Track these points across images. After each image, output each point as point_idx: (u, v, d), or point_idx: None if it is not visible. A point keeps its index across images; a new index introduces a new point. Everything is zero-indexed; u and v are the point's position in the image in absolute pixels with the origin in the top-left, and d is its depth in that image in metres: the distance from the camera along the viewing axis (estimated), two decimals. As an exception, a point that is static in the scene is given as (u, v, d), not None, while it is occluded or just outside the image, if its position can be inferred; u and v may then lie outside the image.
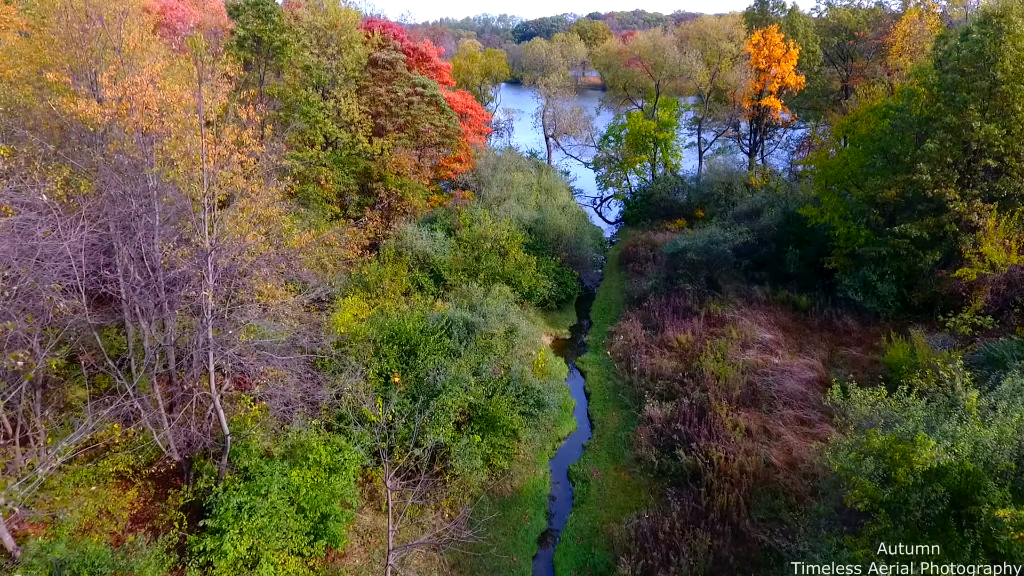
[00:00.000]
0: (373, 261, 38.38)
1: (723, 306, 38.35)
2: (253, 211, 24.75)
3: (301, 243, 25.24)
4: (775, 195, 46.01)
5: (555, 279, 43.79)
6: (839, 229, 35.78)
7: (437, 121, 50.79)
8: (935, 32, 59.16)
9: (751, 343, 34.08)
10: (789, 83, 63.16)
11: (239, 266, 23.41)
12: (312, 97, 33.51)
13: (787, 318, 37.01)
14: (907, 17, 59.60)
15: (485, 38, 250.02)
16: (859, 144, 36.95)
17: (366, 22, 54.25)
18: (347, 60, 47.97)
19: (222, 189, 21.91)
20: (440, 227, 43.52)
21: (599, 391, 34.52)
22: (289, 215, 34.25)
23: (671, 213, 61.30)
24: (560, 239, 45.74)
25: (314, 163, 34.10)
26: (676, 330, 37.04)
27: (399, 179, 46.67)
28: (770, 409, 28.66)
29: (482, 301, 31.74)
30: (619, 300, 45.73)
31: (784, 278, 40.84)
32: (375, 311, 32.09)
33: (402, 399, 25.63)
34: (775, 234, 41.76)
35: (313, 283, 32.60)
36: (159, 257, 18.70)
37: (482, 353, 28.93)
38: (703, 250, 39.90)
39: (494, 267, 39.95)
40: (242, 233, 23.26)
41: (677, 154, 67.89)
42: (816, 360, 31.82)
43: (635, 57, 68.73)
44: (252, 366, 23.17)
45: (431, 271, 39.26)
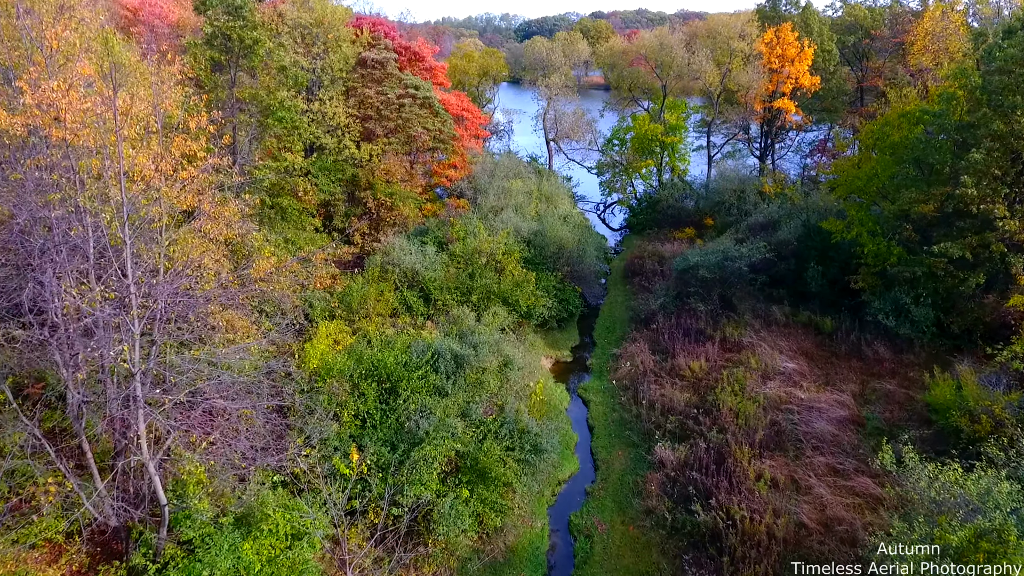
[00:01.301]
0: (358, 279, 35.16)
1: (739, 329, 35.06)
2: (209, 232, 21.56)
3: (264, 270, 21.99)
4: (793, 206, 42.67)
5: (556, 296, 40.55)
6: (868, 246, 32.49)
7: (430, 125, 47.60)
8: (960, 30, 55.93)
9: (772, 373, 30.81)
10: (804, 84, 59.79)
11: (189, 298, 20.22)
12: (288, 100, 30.30)
13: (810, 343, 33.71)
14: (929, 15, 56.26)
15: (487, 37, 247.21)
16: (888, 152, 33.66)
17: (355, 19, 51.05)
18: (333, 60, 44.79)
19: (165, 209, 18.73)
20: (431, 240, 40.30)
21: (604, 425, 31.28)
22: (261, 232, 31.12)
23: (679, 221, 58.03)
24: (561, 253, 42.48)
25: (290, 173, 30.90)
26: (688, 356, 33.78)
27: (389, 187, 43.49)
28: (798, 455, 25.39)
29: (474, 329, 28.48)
30: (624, 318, 42.47)
31: (804, 297, 37.54)
32: (355, 339, 28.88)
33: (379, 447, 22.41)
34: (794, 249, 38.46)
35: (288, 306, 29.49)
36: (60, 306, 15.46)
37: (472, 390, 25.70)
38: (716, 267, 36.63)
39: (489, 285, 36.73)
40: (193, 260, 20.08)
41: (685, 158, 64.60)
42: (846, 395, 28.53)
43: (640, 56, 65.40)
44: (200, 418, 20.00)
45: (420, 290, 36.06)
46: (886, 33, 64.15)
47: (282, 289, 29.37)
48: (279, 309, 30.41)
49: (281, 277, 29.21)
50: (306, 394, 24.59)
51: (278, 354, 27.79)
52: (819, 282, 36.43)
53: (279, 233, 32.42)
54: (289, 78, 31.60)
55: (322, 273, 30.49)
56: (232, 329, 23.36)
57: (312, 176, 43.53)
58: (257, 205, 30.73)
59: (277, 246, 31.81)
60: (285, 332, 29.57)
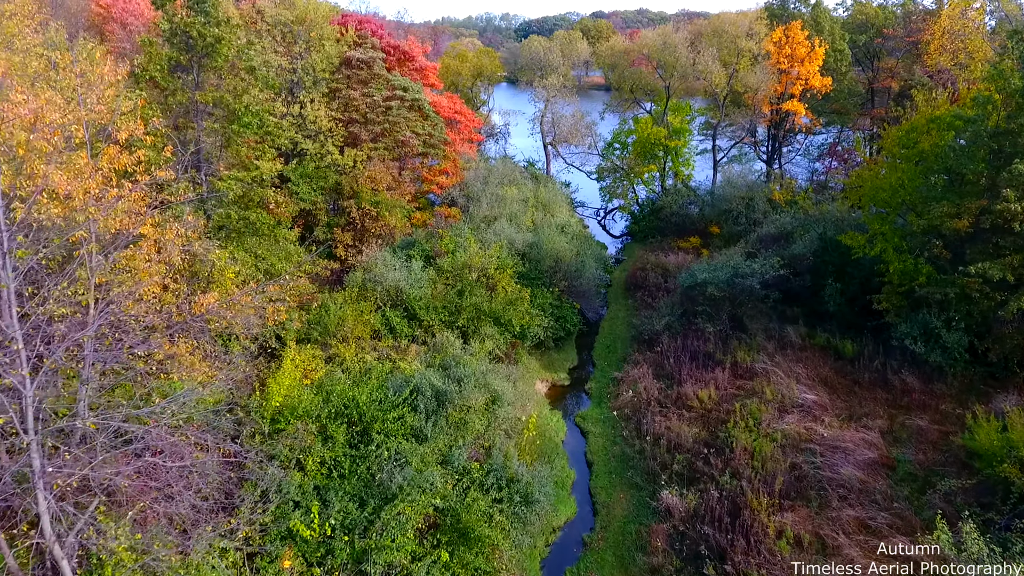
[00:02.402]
0: (336, 297, 32.30)
1: (751, 353, 32.16)
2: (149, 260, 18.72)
3: (206, 305, 19.13)
4: (807, 216, 39.76)
5: (552, 314, 37.67)
6: (893, 264, 29.60)
7: (420, 128, 44.80)
8: (981, 29, 53.08)
9: (789, 406, 27.92)
10: (814, 85, 56.94)
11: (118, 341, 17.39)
12: (256, 104, 27.47)
13: (829, 370, 30.81)
14: (947, 12, 53.40)
15: (487, 37, 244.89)
16: (914, 160, 30.78)
17: (341, 17, 48.24)
18: (316, 60, 41.99)
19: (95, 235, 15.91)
20: (418, 254, 37.44)
21: (603, 461, 28.40)
22: (228, 249, 28.27)
23: (683, 229, 55.15)
24: (558, 266, 39.62)
25: (260, 183, 28.07)
26: (696, 383, 30.91)
27: (374, 196, 40.64)
28: (822, 505, 22.49)
29: (459, 359, 25.57)
30: (626, 336, 39.58)
31: (821, 317, 34.63)
32: (327, 369, 25.99)
33: (346, 503, 19.54)
34: (810, 264, 35.56)
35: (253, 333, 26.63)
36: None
37: (455, 432, 22.84)
38: (726, 284, 33.74)
39: (479, 303, 33.86)
40: (122, 294, 17.23)
41: (689, 163, 61.68)
42: (873, 432, 25.62)
43: (643, 56, 62.53)
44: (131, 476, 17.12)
45: (405, 309, 33.19)
46: (899, 32, 61.29)
47: (247, 314, 26.55)
48: (246, 335, 27.59)
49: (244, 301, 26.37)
50: (266, 438, 21.73)
51: (237, 390, 24.96)
52: (837, 301, 33.54)
53: (249, 250, 29.56)
54: (259, 80, 28.75)
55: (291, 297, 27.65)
56: (181, 366, 20.51)
57: (292, 184, 40.75)
58: (219, 220, 27.89)
59: (245, 264, 28.95)
60: (248, 361, 26.75)
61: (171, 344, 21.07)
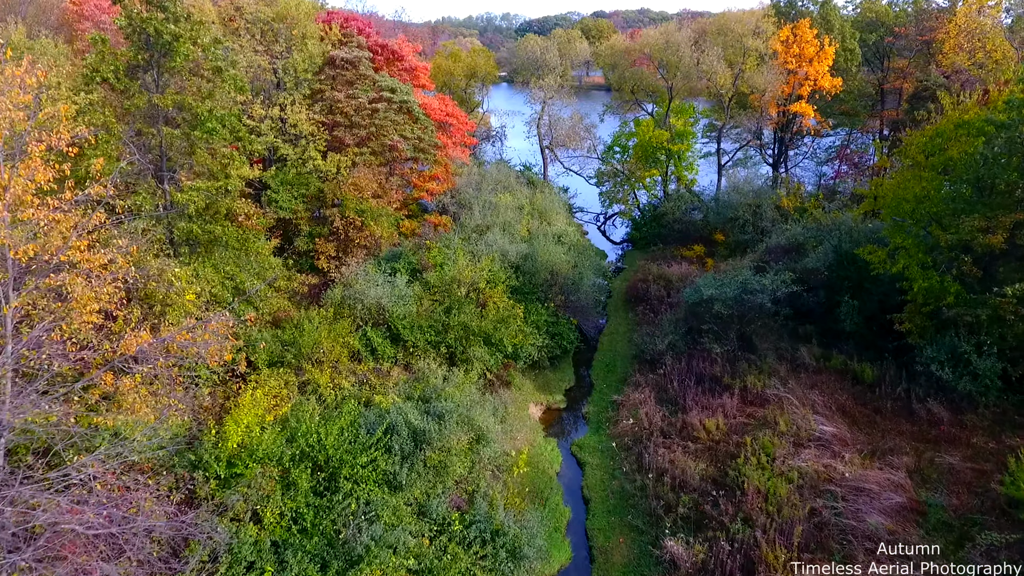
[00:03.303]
0: (313, 315, 29.85)
1: (762, 377, 29.69)
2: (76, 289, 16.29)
3: (131, 348, 16.70)
4: (820, 226, 37.25)
5: (547, 331, 35.23)
6: (918, 282, 27.12)
7: (409, 132, 42.34)
8: (999, 26, 50.57)
9: (805, 439, 25.44)
10: (824, 86, 54.39)
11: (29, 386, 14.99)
12: (219, 109, 25.03)
13: (848, 397, 28.31)
14: (963, 10, 50.90)
15: (488, 37, 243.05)
16: (940, 168, 28.30)
17: (326, 14, 45.83)
18: (297, 59, 39.57)
19: None
20: (404, 267, 34.99)
21: (601, 498, 25.93)
22: (191, 265, 25.84)
23: (686, 237, 52.70)
24: (554, 280, 37.16)
25: (226, 193, 25.64)
26: (702, 410, 28.47)
27: (359, 204, 38.20)
28: (846, 559, 20.02)
29: (440, 392, 23.08)
30: (627, 354, 37.13)
31: (836, 336, 32.17)
32: (292, 405, 23.52)
33: (306, 565, 17.09)
34: (824, 279, 33.09)
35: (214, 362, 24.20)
36: None
37: (434, 477, 20.38)
38: (734, 301, 31.27)
39: (468, 322, 31.41)
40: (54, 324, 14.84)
41: (693, 167, 59.23)
42: (900, 472, 23.14)
43: (644, 56, 60.01)
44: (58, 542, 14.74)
45: (387, 328, 30.74)
46: (911, 31, 58.79)
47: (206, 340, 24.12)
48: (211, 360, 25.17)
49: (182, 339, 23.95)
50: (221, 483, 19.30)
51: (197, 424, 22.57)
52: (854, 319, 31.07)
53: (217, 266, 27.12)
54: (226, 81, 26.33)
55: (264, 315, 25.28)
56: (121, 407, 18.11)
57: (272, 191, 38.37)
58: (180, 235, 25.47)
59: (212, 282, 26.51)
60: (215, 386, 24.38)
61: (113, 379, 18.68)
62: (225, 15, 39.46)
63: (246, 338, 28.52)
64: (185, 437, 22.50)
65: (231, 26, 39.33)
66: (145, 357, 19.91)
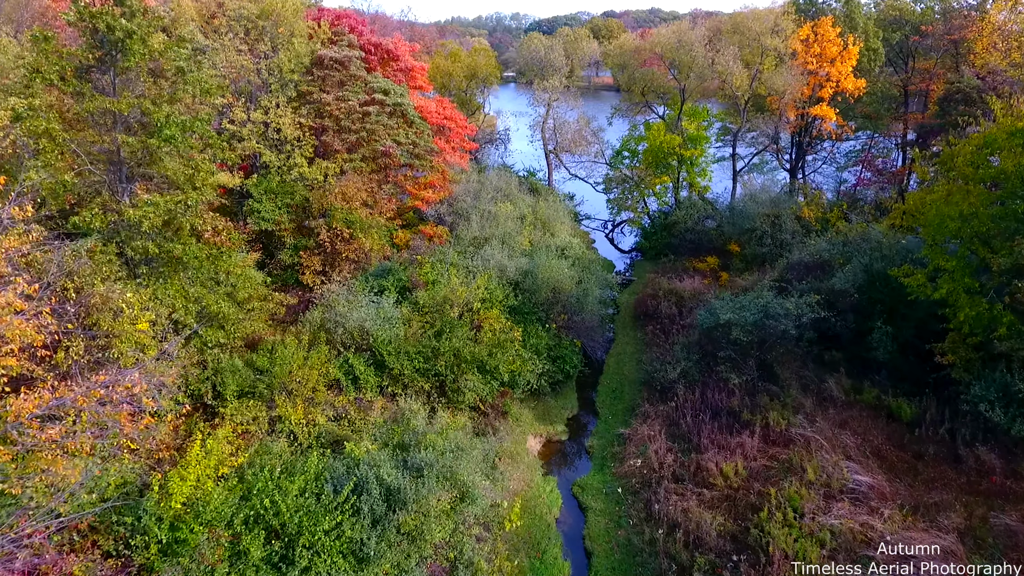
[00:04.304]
0: (289, 341, 27.10)
1: (785, 412, 26.67)
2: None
3: (30, 408, 14.00)
4: (847, 241, 34.10)
5: (548, 355, 32.38)
6: (964, 310, 24.01)
7: (403, 137, 39.60)
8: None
9: (837, 490, 22.42)
10: (846, 88, 51.23)
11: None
12: (177, 116, 22.30)
13: (883, 438, 25.24)
14: (998, 6, 47.57)
15: (497, 36, 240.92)
16: (989, 181, 25.17)
17: (317, 11, 43.19)
18: (283, 59, 36.92)
19: None
20: (393, 285, 32.22)
21: (605, 551, 23.05)
22: (149, 288, 23.17)
23: (698, 247, 49.67)
24: (557, 298, 34.25)
25: (184, 210, 22.92)
26: (718, 451, 25.52)
27: (348, 214, 35.50)
28: (892, 647, 17.06)
29: (420, 439, 20.19)
30: (635, 379, 34.24)
31: (867, 365, 29.11)
32: (258, 446, 20.80)
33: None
34: (854, 302, 29.99)
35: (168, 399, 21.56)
36: None
37: (409, 545, 17.53)
38: (754, 326, 28.26)
39: (461, 347, 28.58)
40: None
41: (706, 172, 56.13)
42: (949, 535, 20.09)
43: (655, 55, 56.93)
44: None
45: (371, 354, 27.97)
46: (939, 29, 55.44)
47: (162, 374, 21.45)
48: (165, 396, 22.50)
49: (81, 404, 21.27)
50: (163, 550, 16.57)
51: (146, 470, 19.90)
52: (888, 348, 27.99)
53: (181, 288, 24.43)
54: (189, 84, 23.65)
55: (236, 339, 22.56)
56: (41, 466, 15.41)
57: (254, 201, 35.75)
58: (135, 255, 22.78)
59: (174, 306, 23.84)
60: (176, 418, 21.74)
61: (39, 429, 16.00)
62: (206, 12, 36.88)
63: (214, 366, 25.92)
64: (136, 484, 19.91)
65: (213, 24, 36.77)
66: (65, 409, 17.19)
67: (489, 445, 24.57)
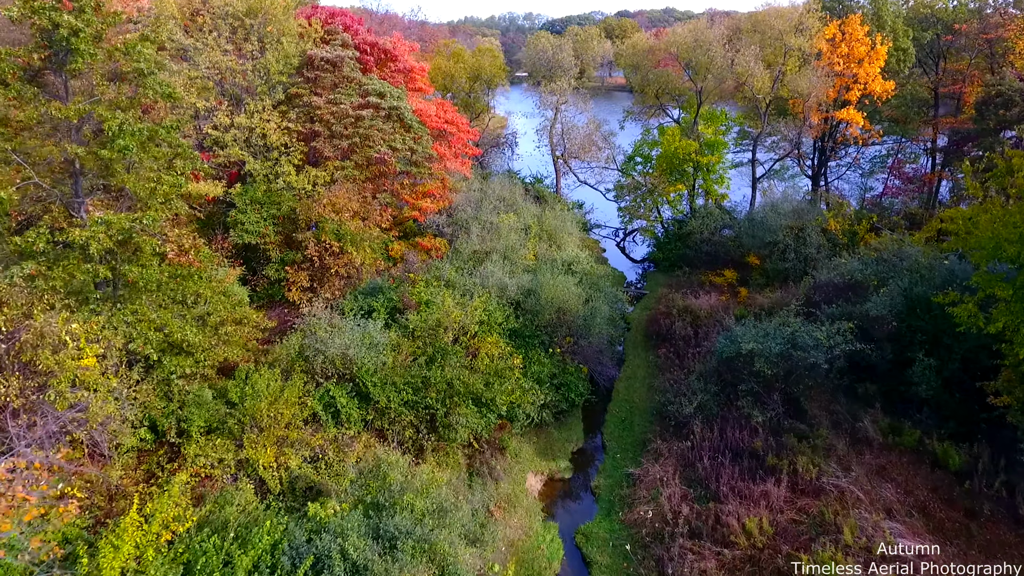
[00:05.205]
0: (264, 371, 24.55)
1: (816, 459, 23.72)
2: None
3: None
4: (883, 260, 31.01)
5: (551, 382, 29.68)
6: (1023, 347, 21.00)
7: (399, 143, 37.04)
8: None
9: (878, 556, 19.51)
10: (874, 90, 48.04)
11: None
12: (130, 124, 19.81)
13: (927, 489, 22.28)
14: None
15: (510, 36, 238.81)
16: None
17: (310, 8, 40.75)
18: (269, 59, 34.49)
19: None
20: (382, 305, 29.63)
21: (611, 619, 20.32)
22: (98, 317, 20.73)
23: (715, 259, 46.70)
24: (562, 320, 31.51)
25: (141, 228, 20.45)
26: (740, 501, 22.67)
27: (339, 226, 33.01)
28: None
29: (397, 498, 17.45)
30: (646, 407, 31.45)
31: (906, 401, 26.14)
32: (214, 502, 18.28)
33: None
34: (892, 330, 26.99)
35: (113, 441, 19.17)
36: None
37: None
38: (781, 357, 25.35)
39: (454, 377, 25.92)
40: None
41: (723, 179, 53.13)
42: (1015, 618, 17.19)
43: (670, 55, 54.00)
44: None
45: (355, 384, 25.39)
46: (974, 28, 52.07)
47: (107, 414, 19.01)
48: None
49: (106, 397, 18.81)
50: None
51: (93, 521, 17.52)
52: (932, 383, 24.98)
53: (141, 314, 21.97)
54: (149, 87, 21.20)
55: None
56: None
57: (238, 211, 33.36)
58: (85, 278, 20.34)
59: (130, 337, 21.40)
60: (114, 474, 19.31)
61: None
62: (189, 9, 34.53)
63: (180, 398, 23.47)
64: (84, 538, 17.47)
65: (197, 22, 34.42)
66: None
67: (479, 499, 21.87)
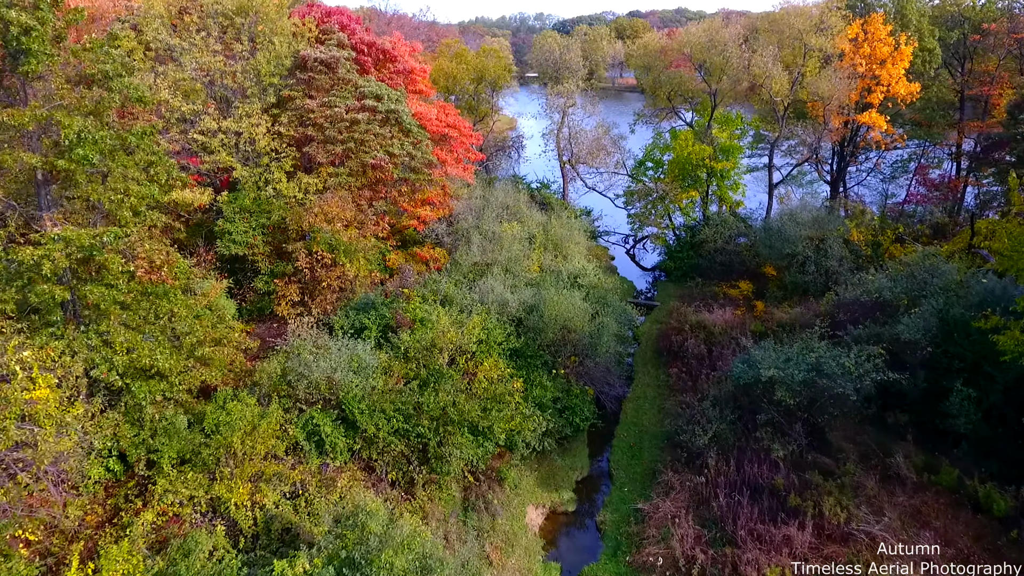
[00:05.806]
0: (243, 397, 22.72)
1: (844, 501, 21.53)
2: None
3: None
4: (914, 277, 28.70)
5: (554, 406, 27.67)
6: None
7: (397, 148, 35.17)
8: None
9: (918, 618, 17.39)
10: (898, 92, 45.67)
11: None
12: (91, 131, 18.05)
13: (969, 538, 20.08)
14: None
15: (520, 37, 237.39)
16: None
17: (306, 7, 38.99)
18: (260, 60, 32.73)
19: None
20: (375, 323, 27.75)
21: None
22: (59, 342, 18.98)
23: (729, 269, 44.60)
24: (566, 338, 29.50)
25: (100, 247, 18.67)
26: (759, 546, 20.58)
27: (332, 236, 31.18)
28: None
29: (371, 557, 15.51)
30: (656, 431, 29.42)
31: (941, 434, 23.92)
32: (176, 549, 16.48)
33: None
34: (926, 356, 24.75)
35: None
36: None
37: None
38: (804, 385, 23.20)
39: (449, 403, 23.98)
40: None
41: (738, 186, 50.86)
42: None
43: (683, 56, 51.83)
44: None
45: (340, 411, 23.50)
46: (1003, 27, 49.55)
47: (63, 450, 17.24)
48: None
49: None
50: None
51: None
52: (971, 416, 22.76)
53: (106, 338, 20.19)
54: (115, 91, 19.46)
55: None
56: None
57: (225, 221, 31.61)
58: (37, 301, 18.57)
59: (92, 363, 19.65)
60: (72, 515, 17.53)
61: None
62: (174, 7, 32.84)
63: (151, 426, 21.71)
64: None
65: (185, 21, 32.71)
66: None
67: (472, 541, 19.91)
